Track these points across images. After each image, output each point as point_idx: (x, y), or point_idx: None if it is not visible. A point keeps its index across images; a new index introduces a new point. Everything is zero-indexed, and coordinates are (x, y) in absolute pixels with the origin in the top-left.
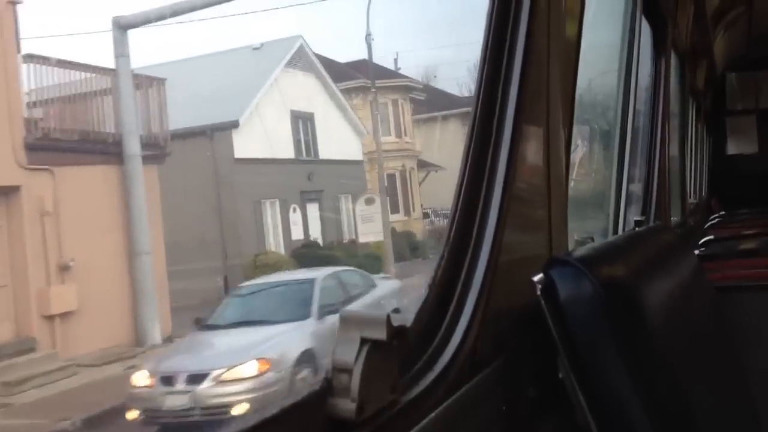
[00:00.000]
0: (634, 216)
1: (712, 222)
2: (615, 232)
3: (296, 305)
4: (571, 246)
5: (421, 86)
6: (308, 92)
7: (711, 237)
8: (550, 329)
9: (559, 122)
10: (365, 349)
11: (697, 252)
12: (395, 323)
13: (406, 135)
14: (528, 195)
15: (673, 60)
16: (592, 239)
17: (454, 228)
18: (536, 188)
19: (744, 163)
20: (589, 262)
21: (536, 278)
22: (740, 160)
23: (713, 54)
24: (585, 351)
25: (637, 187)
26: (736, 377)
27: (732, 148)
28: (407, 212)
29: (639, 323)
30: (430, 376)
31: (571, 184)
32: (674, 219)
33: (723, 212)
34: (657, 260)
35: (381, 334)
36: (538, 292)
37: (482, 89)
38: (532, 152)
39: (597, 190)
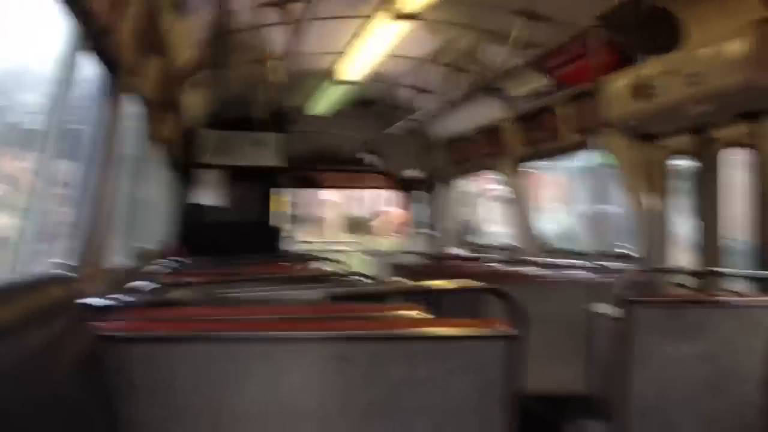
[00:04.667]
0: (61, 258)
1: (152, 269)
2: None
3: None
4: None
5: None
6: None
7: (154, 284)
8: None
9: None
10: None
11: (114, 302)
12: None
13: None
14: None
15: (140, 107)
16: None
17: None
18: None
19: (210, 214)
20: None
21: None
22: (208, 211)
23: (181, 109)
24: None
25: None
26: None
27: (199, 199)
28: None
29: None
30: None
31: None
32: (121, 262)
33: (178, 258)
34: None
35: None
36: None
37: None
38: None
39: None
